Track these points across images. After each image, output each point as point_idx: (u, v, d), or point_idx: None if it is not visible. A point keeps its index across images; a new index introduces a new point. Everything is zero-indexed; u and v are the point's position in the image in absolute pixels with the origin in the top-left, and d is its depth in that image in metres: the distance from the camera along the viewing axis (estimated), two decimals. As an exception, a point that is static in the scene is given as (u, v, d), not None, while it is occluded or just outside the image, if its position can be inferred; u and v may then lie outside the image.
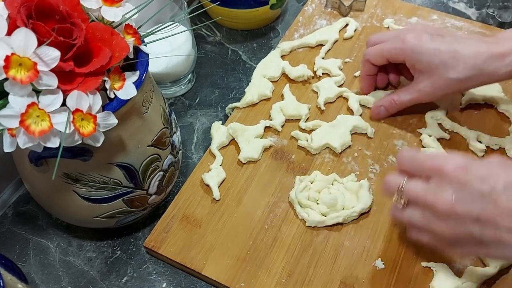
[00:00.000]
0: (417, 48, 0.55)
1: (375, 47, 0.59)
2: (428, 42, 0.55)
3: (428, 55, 0.54)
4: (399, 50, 0.56)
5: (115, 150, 0.44)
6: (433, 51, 0.54)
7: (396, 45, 0.57)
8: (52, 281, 0.52)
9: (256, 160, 0.59)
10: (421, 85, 0.56)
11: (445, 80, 0.54)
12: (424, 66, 0.55)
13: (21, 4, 0.35)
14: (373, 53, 0.60)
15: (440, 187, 0.41)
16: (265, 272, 0.51)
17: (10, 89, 0.34)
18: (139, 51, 0.43)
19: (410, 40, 0.55)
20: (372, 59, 0.60)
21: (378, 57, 0.59)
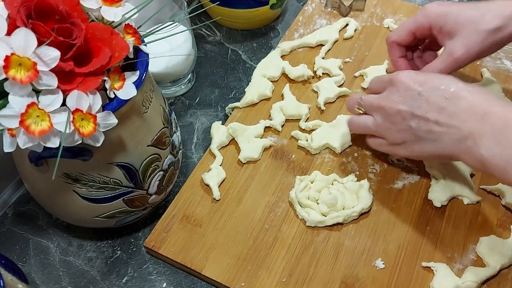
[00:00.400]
0: (440, 11, 0.54)
1: (398, 28, 0.58)
2: (451, 5, 0.54)
3: (453, 15, 0.53)
4: (423, 17, 0.55)
5: (115, 150, 0.44)
6: (457, 10, 0.53)
7: (419, 16, 0.56)
8: (52, 281, 0.52)
9: (256, 160, 0.59)
10: (452, 48, 0.54)
11: (476, 35, 0.53)
12: (451, 26, 0.54)
13: (21, 4, 0.35)
14: (398, 32, 0.58)
15: (390, 92, 0.50)
16: (265, 272, 0.51)
17: (10, 89, 0.34)
18: (139, 51, 0.43)
19: (432, 6, 0.55)
20: (398, 38, 0.58)
21: (404, 34, 0.57)
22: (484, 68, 0.68)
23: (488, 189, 0.57)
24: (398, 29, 0.58)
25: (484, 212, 0.55)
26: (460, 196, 0.56)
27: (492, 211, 0.55)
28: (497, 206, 0.56)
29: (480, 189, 0.57)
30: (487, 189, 0.57)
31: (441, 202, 0.55)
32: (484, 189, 0.57)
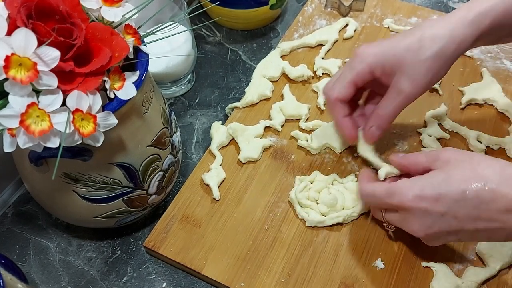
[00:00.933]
0: (375, 51, 0.50)
1: (336, 83, 0.52)
2: (382, 43, 0.50)
3: (390, 50, 0.49)
4: (360, 64, 0.50)
5: (115, 150, 0.44)
6: (392, 45, 0.49)
7: (355, 63, 0.51)
8: (52, 281, 0.52)
9: (256, 160, 0.59)
10: (399, 85, 0.49)
11: (419, 65, 0.48)
12: (392, 62, 0.49)
13: (21, 4, 0.35)
14: (339, 87, 0.52)
15: (407, 219, 0.46)
16: (265, 272, 0.51)
17: (10, 89, 0.34)
18: (139, 51, 0.43)
19: (364, 50, 0.50)
20: (340, 95, 0.52)
21: (346, 88, 0.51)
22: (484, 68, 0.68)
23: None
24: (337, 84, 0.52)
25: (484, 213, 0.55)
26: (459, 196, 0.56)
27: (491, 211, 0.55)
28: (497, 207, 0.56)
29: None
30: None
31: (440, 202, 0.55)
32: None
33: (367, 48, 0.50)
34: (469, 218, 0.43)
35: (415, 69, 0.48)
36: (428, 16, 0.75)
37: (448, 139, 0.61)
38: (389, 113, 0.52)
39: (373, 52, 0.50)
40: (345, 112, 0.53)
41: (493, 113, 0.64)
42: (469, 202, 0.42)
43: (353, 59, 0.51)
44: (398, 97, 0.50)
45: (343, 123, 0.54)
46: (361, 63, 0.50)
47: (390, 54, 0.49)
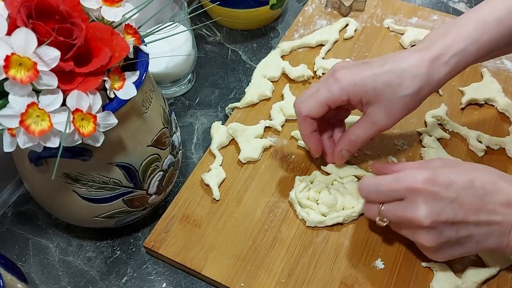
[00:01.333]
0: (355, 80, 0.49)
1: (309, 99, 0.51)
2: (362, 71, 0.49)
3: (370, 83, 0.49)
4: (339, 90, 0.50)
5: (115, 150, 0.44)
6: (372, 77, 0.49)
7: (332, 87, 0.50)
8: (51, 281, 0.52)
9: (256, 160, 0.59)
10: (374, 116, 0.50)
11: (397, 102, 0.49)
12: (370, 95, 0.49)
13: (21, 4, 0.35)
14: (310, 105, 0.51)
15: (416, 203, 0.44)
16: (265, 272, 0.51)
17: (10, 89, 0.34)
18: (139, 51, 0.43)
19: (344, 75, 0.50)
20: (311, 112, 0.51)
21: (318, 107, 0.51)
22: (484, 68, 0.68)
23: (488, 190, 0.57)
24: (312, 100, 0.51)
25: (484, 213, 0.55)
26: (460, 196, 0.56)
27: (492, 211, 0.55)
28: (497, 207, 0.56)
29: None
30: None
31: (441, 202, 0.55)
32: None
33: (347, 74, 0.50)
34: (473, 209, 0.43)
35: (392, 104, 0.49)
36: (428, 17, 0.75)
37: (448, 139, 0.61)
38: (360, 141, 0.53)
39: (353, 81, 0.49)
40: (312, 128, 0.53)
41: (493, 113, 0.64)
42: (475, 191, 0.44)
43: (331, 80, 0.50)
44: (372, 128, 0.52)
45: (310, 139, 0.54)
46: (339, 89, 0.50)
47: (370, 87, 0.49)
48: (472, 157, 0.60)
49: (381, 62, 0.50)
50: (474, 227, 0.44)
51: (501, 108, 0.64)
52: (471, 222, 0.44)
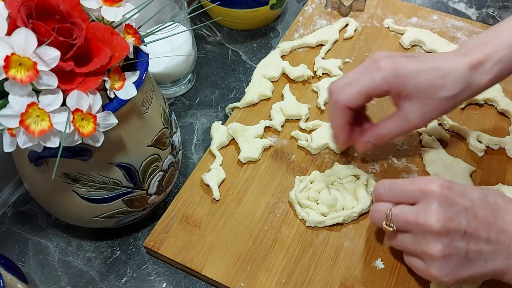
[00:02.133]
0: (398, 71, 0.48)
1: (348, 87, 0.49)
2: (407, 64, 0.48)
3: (412, 77, 0.48)
4: (380, 79, 0.48)
5: (115, 150, 0.44)
6: (416, 72, 0.47)
7: (374, 75, 0.48)
8: (51, 281, 0.52)
9: (256, 160, 0.59)
10: (409, 113, 0.49)
11: (435, 102, 0.48)
12: (411, 90, 0.48)
13: (21, 3, 0.35)
14: (350, 94, 0.49)
15: (429, 207, 0.42)
16: (265, 273, 0.51)
17: (10, 89, 0.34)
18: (139, 51, 0.43)
19: (388, 65, 0.48)
20: (350, 101, 0.49)
21: (358, 96, 0.49)
22: (484, 69, 0.68)
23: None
24: (351, 89, 0.49)
25: (484, 213, 0.55)
26: (460, 196, 0.56)
27: (492, 211, 0.55)
28: (497, 207, 0.56)
29: (480, 190, 0.57)
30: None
31: (441, 202, 0.55)
32: (484, 189, 0.57)
33: (390, 63, 0.48)
34: (485, 222, 0.42)
35: (430, 104, 0.48)
36: (428, 17, 0.75)
37: (448, 139, 0.61)
38: (389, 136, 0.52)
39: (396, 72, 0.48)
40: (348, 119, 0.51)
41: (493, 113, 0.64)
42: (489, 205, 0.43)
43: (374, 69, 0.48)
44: (404, 124, 0.50)
45: (342, 130, 0.52)
46: (381, 79, 0.48)
47: (412, 81, 0.48)
48: (472, 157, 0.60)
49: (426, 58, 0.49)
50: (484, 242, 0.42)
51: (501, 108, 0.64)
52: (481, 236, 0.42)
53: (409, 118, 0.49)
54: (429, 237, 0.42)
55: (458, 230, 0.42)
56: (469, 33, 0.73)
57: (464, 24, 0.74)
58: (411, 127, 0.50)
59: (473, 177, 0.57)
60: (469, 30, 0.73)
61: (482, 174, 0.58)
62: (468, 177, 0.57)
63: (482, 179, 0.58)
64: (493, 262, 0.42)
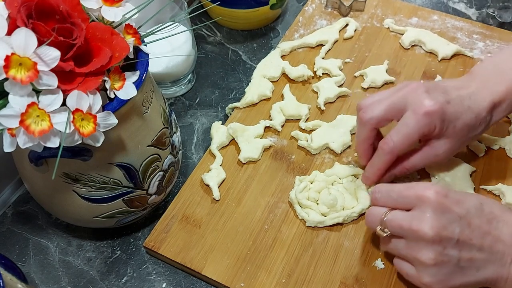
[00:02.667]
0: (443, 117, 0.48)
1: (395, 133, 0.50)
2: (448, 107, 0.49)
3: (452, 121, 0.49)
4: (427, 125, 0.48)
5: (115, 150, 0.44)
6: (455, 116, 0.49)
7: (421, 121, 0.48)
8: (51, 281, 0.52)
9: (256, 160, 0.59)
10: (439, 149, 0.51)
11: (466, 140, 0.52)
12: (449, 132, 0.49)
13: (21, 4, 0.35)
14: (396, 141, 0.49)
15: (423, 213, 0.43)
16: (265, 273, 0.51)
17: (10, 89, 0.34)
18: (139, 51, 0.43)
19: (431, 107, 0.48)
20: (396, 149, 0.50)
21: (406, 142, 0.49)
22: (484, 69, 0.68)
23: (489, 189, 0.57)
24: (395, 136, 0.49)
25: (484, 213, 0.55)
26: (460, 196, 0.56)
27: (492, 211, 0.55)
28: (497, 207, 0.56)
29: (480, 189, 0.57)
30: (487, 189, 0.57)
31: (441, 202, 0.55)
32: (484, 189, 0.57)
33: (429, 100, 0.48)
34: (480, 231, 0.42)
35: (461, 143, 0.51)
36: (428, 17, 0.75)
37: (448, 139, 0.61)
38: (414, 169, 0.53)
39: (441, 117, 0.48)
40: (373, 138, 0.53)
41: (493, 113, 0.64)
42: (484, 214, 0.43)
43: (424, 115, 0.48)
44: (431, 159, 0.52)
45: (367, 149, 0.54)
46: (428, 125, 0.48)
47: (452, 125, 0.49)
48: (472, 157, 0.60)
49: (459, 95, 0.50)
50: (477, 251, 0.42)
51: (501, 108, 0.64)
52: (474, 245, 0.42)
53: (438, 153, 0.51)
54: (422, 244, 0.43)
55: (451, 238, 0.42)
56: (469, 33, 0.73)
57: (464, 24, 0.74)
58: (437, 162, 0.53)
59: (473, 177, 0.57)
60: (469, 30, 0.73)
61: (482, 174, 0.58)
62: (468, 177, 0.57)
63: (482, 179, 0.58)
64: (485, 270, 0.43)
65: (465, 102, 0.50)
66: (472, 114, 0.50)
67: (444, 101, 0.49)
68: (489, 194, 0.57)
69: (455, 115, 0.49)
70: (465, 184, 0.56)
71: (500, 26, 0.76)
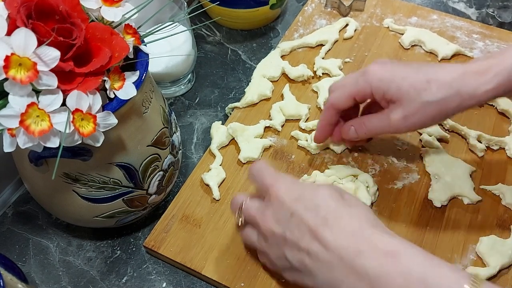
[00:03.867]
0: (384, 77, 0.48)
1: (338, 89, 0.52)
2: (395, 68, 0.48)
3: (397, 81, 0.47)
4: (364, 83, 0.49)
5: (115, 150, 0.44)
6: (402, 76, 0.47)
7: (360, 79, 0.49)
8: (52, 281, 0.52)
9: (256, 160, 0.59)
10: (392, 114, 0.48)
11: (417, 105, 0.46)
12: (394, 93, 0.47)
13: (21, 4, 0.35)
14: (338, 95, 0.51)
15: (266, 205, 0.44)
16: (265, 272, 0.51)
17: (10, 89, 0.34)
18: (139, 51, 0.43)
19: (374, 70, 0.49)
20: (336, 102, 0.52)
21: (344, 98, 0.51)
22: (484, 68, 0.68)
23: (488, 189, 0.57)
24: (339, 91, 0.51)
25: (484, 212, 0.55)
26: (460, 196, 0.56)
27: (492, 211, 0.55)
28: (497, 206, 0.56)
29: (480, 189, 0.57)
30: (487, 189, 0.57)
31: (441, 202, 0.55)
32: (484, 189, 0.57)
33: (378, 68, 0.49)
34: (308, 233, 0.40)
35: (412, 107, 0.47)
36: (428, 16, 0.75)
37: (448, 139, 0.61)
38: (371, 129, 0.51)
39: (380, 76, 0.48)
40: (332, 119, 0.54)
41: (493, 113, 0.64)
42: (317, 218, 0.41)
43: (361, 73, 0.50)
44: (385, 124, 0.49)
45: (324, 128, 0.55)
46: (365, 82, 0.49)
47: (395, 84, 0.47)
48: (472, 157, 0.60)
49: (419, 66, 0.48)
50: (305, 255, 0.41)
51: (501, 108, 0.64)
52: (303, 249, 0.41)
53: (391, 119, 0.48)
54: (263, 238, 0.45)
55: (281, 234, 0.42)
56: (468, 32, 0.73)
57: (464, 24, 0.74)
58: (392, 128, 0.49)
59: (473, 177, 0.57)
60: (468, 30, 0.73)
61: (482, 174, 0.58)
62: (468, 177, 0.57)
63: (482, 179, 0.58)
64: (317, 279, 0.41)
65: (422, 68, 0.48)
66: (424, 77, 0.46)
67: (392, 65, 0.48)
68: (489, 194, 0.57)
69: (400, 77, 0.47)
70: (465, 184, 0.56)
71: (499, 26, 0.77)
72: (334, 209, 0.41)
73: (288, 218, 0.42)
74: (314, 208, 0.41)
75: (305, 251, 0.41)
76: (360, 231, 0.40)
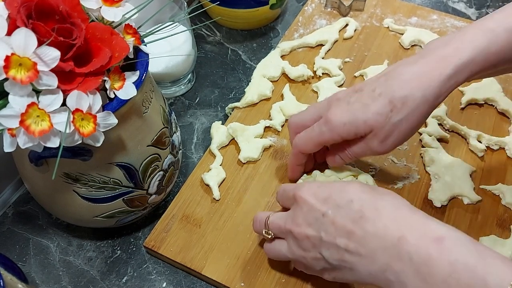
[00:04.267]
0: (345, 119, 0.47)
1: (304, 137, 0.52)
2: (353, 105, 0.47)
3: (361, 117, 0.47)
4: (330, 132, 0.48)
5: (115, 150, 0.44)
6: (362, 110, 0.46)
7: (324, 129, 0.49)
8: (52, 281, 0.52)
9: (256, 160, 0.59)
10: (369, 142, 0.48)
11: (390, 127, 0.46)
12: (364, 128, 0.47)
13: (21, 4, 0.35)
14: (304, 143, 0.52)
15: (294, 212, 0.44)
16: (265, 272, 0.51)
17: (10, 89, 0.34)
18: (139, 51, 0.43)
19: (335, 116, 0.48)
20: (304, 149, 0.52)
21: (312, 146, 0.51)
22: (484, 68, 0.68)
23: (488, 189, 0.57)
24: (305, 139, 0.51)
25: (484, 212, 0.55)
26: (460, 195, 0.56)
27: (492, 211, 0.55)
28: (497, 206, 0.56)
29: (480, 189, 0.57)
30: (487, 188, 0.57)
31: (441, 202, 0.55)
32: (484, 188, 0.57)
33: (337, 113, 0.48)
34: (345, 230, 0.40)
35: (386, 132, 0.47)
36: (428, 16, 0.75)
37: (448, 139, 0.61)
38: (357, 157, 0.51)
39: (343, 121, 0.47)
40: (301, 162, 0.55)
41: (493, 113, 0.64)
42: (351, 213, 0.41)
43: (323, 121, 0.49)
44: (367, 150, 0.49)
45: (294, 169, 0.56)
46: (331, 132, 0.48)
47: (361, 121, 0.47)
48: (472, 157, 0.60)
49: (373, 86, 0.47)
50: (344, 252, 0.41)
51: (501, 108, 0.64)
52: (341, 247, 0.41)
53: (372, 148, 0.49)
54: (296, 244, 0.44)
55: (315, 236, 0.42)
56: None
57: (464, 24, 0.74)
58: (376, 153, 0.49)
59: (473, 177, 0.57)
60: (469, 30, 0.73)
61: (482, 174, 0.58)
62: (468, 177, 0.57)
63: (482, 179, 0.58)
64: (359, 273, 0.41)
65: (376, 90, 0.46)
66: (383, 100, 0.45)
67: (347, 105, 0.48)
68: (489, 194, 0.57)
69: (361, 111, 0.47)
70: (465, 184, 0.56)
71: (500, 25, 0.76)
72: (369, 201, 0.41)
73: (321, 219, 0.42)
74: (347, 204, 0.41)
75: (343, 248, 0.40)
76: (402, 218, 0.39)
